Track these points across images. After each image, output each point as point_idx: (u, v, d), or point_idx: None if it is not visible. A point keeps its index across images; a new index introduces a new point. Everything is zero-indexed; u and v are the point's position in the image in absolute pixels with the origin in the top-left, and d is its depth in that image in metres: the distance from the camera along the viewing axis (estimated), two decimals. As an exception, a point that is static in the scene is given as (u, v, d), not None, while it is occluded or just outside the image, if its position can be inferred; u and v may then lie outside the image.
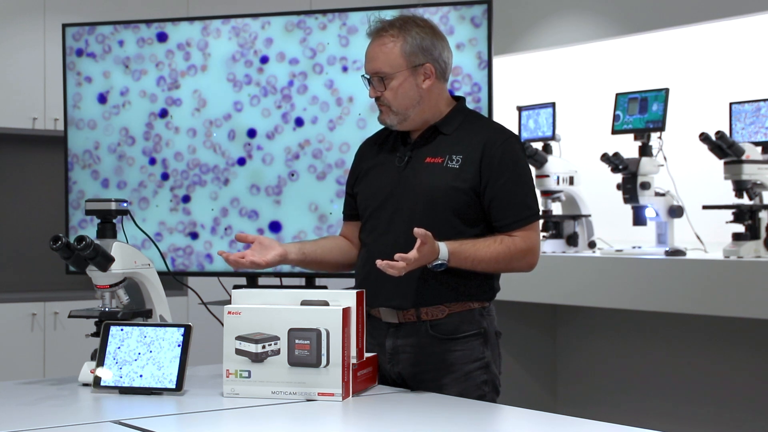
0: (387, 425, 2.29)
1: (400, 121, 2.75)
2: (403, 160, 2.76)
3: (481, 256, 2.64)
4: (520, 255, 2.69)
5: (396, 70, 2.71)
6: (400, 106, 2.72)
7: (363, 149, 2.94)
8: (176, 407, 2.40)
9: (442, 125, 2.76)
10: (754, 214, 4.38)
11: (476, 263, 2.64)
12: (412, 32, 2.72)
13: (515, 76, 6.36)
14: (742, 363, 4.98)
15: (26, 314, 5.47)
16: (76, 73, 3.77)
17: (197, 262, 3.67)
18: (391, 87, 2.71)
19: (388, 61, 2.71)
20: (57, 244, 2.64)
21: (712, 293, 4.31)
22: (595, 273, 4.83)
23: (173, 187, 3.69)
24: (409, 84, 2.72)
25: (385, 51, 2.71)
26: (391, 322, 2.73)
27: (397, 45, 2.71)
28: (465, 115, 2.81)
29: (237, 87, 3.64)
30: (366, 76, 2.77)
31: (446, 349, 2.70)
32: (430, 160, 2.73)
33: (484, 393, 2.71)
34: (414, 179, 2.73)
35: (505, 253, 2.67)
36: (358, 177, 2.88)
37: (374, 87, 2.74)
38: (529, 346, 5.82)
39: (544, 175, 5.15)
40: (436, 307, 2.70)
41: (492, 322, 2.77)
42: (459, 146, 2.72)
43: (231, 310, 2.48)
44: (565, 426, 2.28)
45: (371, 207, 2.79)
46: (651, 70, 5.68)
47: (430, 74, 2.73)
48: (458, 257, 2.61)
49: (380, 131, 2.91)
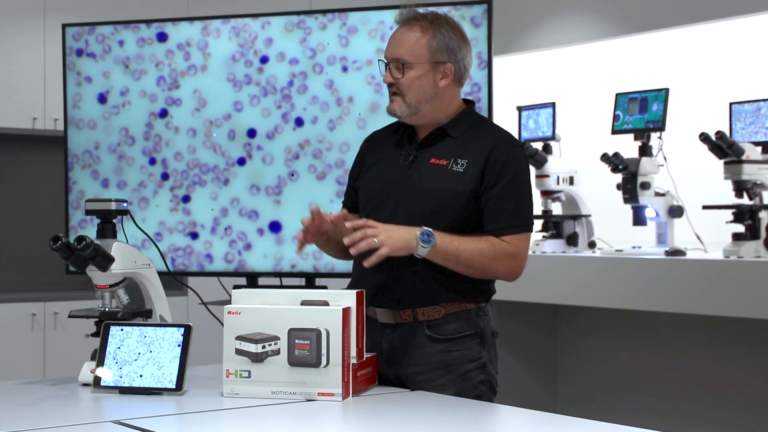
0: (387, 425, 2.28)
1: (410, 114, 2.73)
2: (408, 158, 2.75)
3: (465, 245, 2.62)
4: (504, 257, 2.66)
5: (417, 61, 2.69)
6: (413, 98, 2.71)
7: (368, 142, 2.92)
8: (176, 407, 2.40)
9: (449, 127, 2.75)
10: (754, 214, 4.38)
11: (461, 250, 2.62)
12: (442, 29, 2.71)
13: (515, 76, 6.36)
14: (742, 363, 4.97)
15: (26, 314, 5.47)
16: (76, 73, 3.77)
17: (197, 262, 3.67)
18: (409, 76, 2.69)
19: (412, 49, 2.69)
20: (57, 244, 2.64)
21: (712, 293, 4.31)
22: (595, 273, 4.83)
23: (173, 187, 3.70)
24: (427, 78, 2.71)
25: (412, 39, 2.70)
26: (388, 323, 2.73)
27: (425, 37, 2.70)
28: (474, 119, 2.80)
29: (237, 87, 3.64)
30: (384, 60, 2.74)
31: (443, 349, 2.70)
32: (434, 161, 2.72)
33: (481, 393, 2.71)
34: (417, 179, 2.72)
35: (489, 249, 2.65)
36: (362, 170, 2.86)
37: (391, 72, 2.71)
38: (529, 346, 5.82)
39: (544, 175, 5.15)
40: (433, 308, 2.69)
41: (488, 322, 2.76)
42: (465, 150, 2.71)
43: (231, 310, 2.48)
44: (565, 426, 2.28)
45: (372, 203, 2.78)
46: (651, 70, 5.67)
47: (449, 74, 2.73)
48: (443, 235, 2.60)
49: (388, 126, 2.90)
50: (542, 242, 5.13)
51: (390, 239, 2.55)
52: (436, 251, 2.60)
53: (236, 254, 3.63)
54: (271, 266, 3.59)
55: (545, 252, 5.07)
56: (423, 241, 2.57)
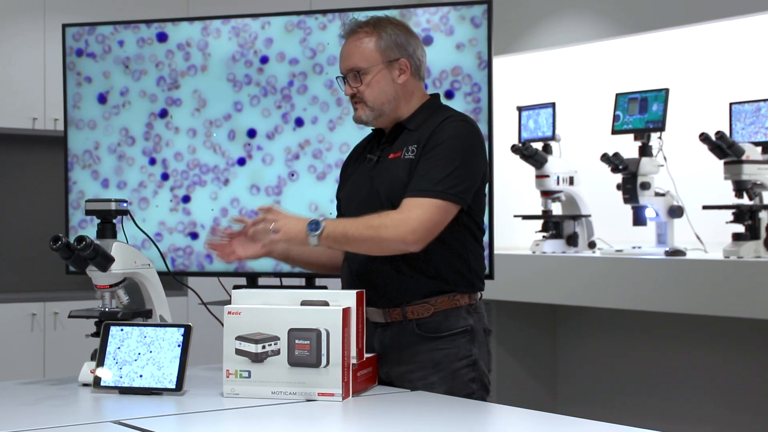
0: (387, 425, 2.29)
1: (375, 117, 2.76)
2: (373, 160, 2.79)
3: (355, 223, 2.62)
4: (392, 224, 2.57)
5: (371, 64, 2.72)
6: (375, 101, 2.73)
7: (349, 156, 2.98)
8: (176, 407, 2.40)
9: (408, 121, 2.77)
10: (754, 214, 4.38)
11: (347, 230, 2.60)
12: (386, 29, 2.75)
13: (515, 76, 6.36)
14: (742, 363, 4.98)
15: (26, 314, 5.47)
16: (76, 73, 3.77)
17: (197, 262, 3.67)
18: (367, 82, 2.72)
19: (363, 56, 2.73)
20: (57, 244, 2.64)
21: (712, 293, 4.31)
22: (595, 273, 4.83)
23: (173, 187, 3.70)
24: (385, 79, 2.73)
25: (360, 47, 2.73)
26: (378, 322, 2.74)
27: (372, 40, 2.73)
28: (433, 110, 2.78)
29: (237, 87, 3.64)
30: (341, 76, 2.78)
31: (433, 347, 2.70)
32: (392, 156, 2.74)
33: (472, 391, 2.71)
34: (378, 178, 2.74)
35: (377, 219, 2.59)
36: (342, 182, 2.93)
37: (350, 84, 2.74)
38: (529, 346, 5.81)
39: (544, 175, 5.15)
40: (422, 306, 2.70)
41: (481, 319, 2.76)
42: (416, 137, 2.72)
43: (231, 310, 2.48)
44: (565, 426, 2.28)
45: (350, 211, 2.81)
46: (651, 70, 5.68)
47: (405, 69, 2.75)
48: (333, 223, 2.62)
49: (366, 137, 2.94)
50: (542, 242, 5.13)
51: (285, 227, 2.63)
52: (326, 237, 2.60)
53: (236, 254, 3.62)
54: (271, 266, 3.59)
55: (545, 252, 5.07)
56: (311, 229, 2.60)
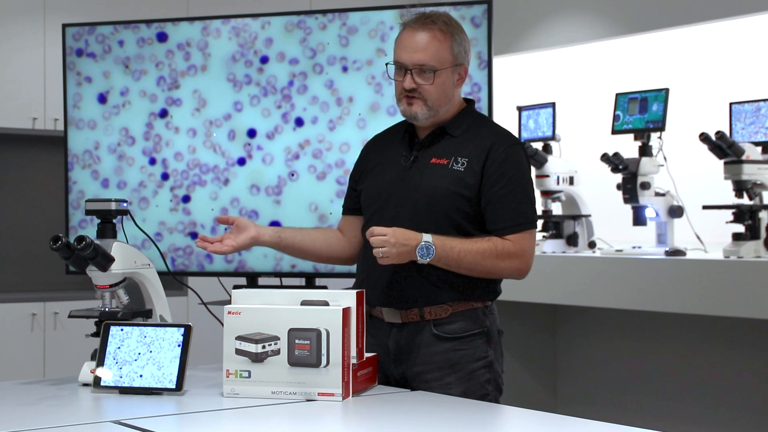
0: (387, 425, 2.29)
1: (430, 116, 2.72)
2: (409, 159, 2.76)
3: (468, 248, 2.63)
4: (507, 256, 2.66)
5: (444, 66, 2.68)
6: (436, 102, 2.70)
7: (370, 145, 2.93)
8: (176, 407, 2.40)
9: (450, 127, 2.75)
10: (754, 214, 4.38)
11: (462, 255, 2.62)
12: (459, 32, 2.71)
13: (515, 76, 6.36)
14: (742, 363, 4.97)
15: (26, 314, 5.47)
16: (76, 73, 3.77)
17: (197, 262, 3.67)
18: (435, 81, 2.67)
19: (438, 55, 2.67)
20: (57, 244, 2.64)
21: (712, 293, 4.31)
22: (595, 273, 4.83)
23: (173, 187, 3.69)
24: (448, 81, 2.70)
25: (436, 45, 2.67)
26: (394, 322, 2.73)
27: (448, 41, 2.68)
28: (474, 118, 2.80)
29: (237, 87, 3.64)
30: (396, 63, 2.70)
31: (450, 348, 2.70)
32: (435, 160, 2.72)
33: (487, 392, 2.71)
34: (418, 179, 2.72)
35: (492, 250, 2.65)
36: (363, 173, 2.87)
37: (414, 78, 2.67)
38: (529, 346, 5.81)
39: (544, 175, 5.15)
40: (440, 307, 2.70)
41: (494, 321, 2.77)
42: (465, 149, 2.71)
43: (231, 310, 2.48)
44: (565, 426, 2.28)
45: (375, 205, 2.78)
46: (651, 70, 5.67)
47: (464, 75, 2.74)
48: (443, 243, 2.61)
49: (388, 129, 2.91)
50: (542, 242, 5.13)
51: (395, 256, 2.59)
52: (436, 261, 2.62)
53: (236, 254, 3.62)
54: (271, 266, 3.59)
55: (545, 252, 5.07)
56: (421, 255, 2.60)
